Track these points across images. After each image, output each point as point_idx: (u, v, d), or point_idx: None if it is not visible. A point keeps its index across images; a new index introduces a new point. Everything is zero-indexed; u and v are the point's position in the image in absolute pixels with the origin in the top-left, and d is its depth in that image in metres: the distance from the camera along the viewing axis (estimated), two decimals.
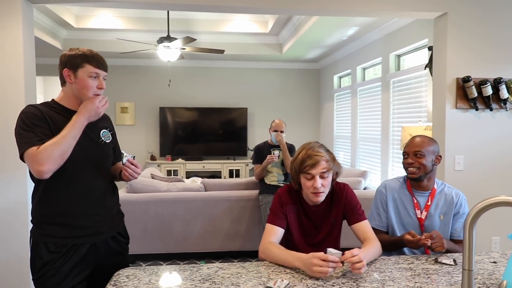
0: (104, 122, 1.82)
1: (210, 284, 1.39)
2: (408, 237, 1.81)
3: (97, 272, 1.72)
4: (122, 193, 3.97)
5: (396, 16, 4.01)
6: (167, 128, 7.35)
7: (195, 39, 4.83)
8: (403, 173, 2.09)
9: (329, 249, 1.47)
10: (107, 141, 1.78)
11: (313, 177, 1.71)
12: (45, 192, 1.64)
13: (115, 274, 1.49)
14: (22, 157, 1.57)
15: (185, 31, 5.96)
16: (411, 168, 1.97)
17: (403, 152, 2.04)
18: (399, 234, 1.98)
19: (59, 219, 1.64)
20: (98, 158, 1.74)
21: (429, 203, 1.99)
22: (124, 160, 1.72)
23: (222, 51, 5.31)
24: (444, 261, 1.62)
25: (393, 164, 4.81)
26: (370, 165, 5.50)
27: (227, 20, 6.10)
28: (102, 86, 1.69)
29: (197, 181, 4.88)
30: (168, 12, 5.01)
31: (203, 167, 7.23)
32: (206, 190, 4.15)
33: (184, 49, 5.13)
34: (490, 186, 3.21)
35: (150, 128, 7.45)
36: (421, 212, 1.98)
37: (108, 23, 5.86)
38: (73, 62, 1.67)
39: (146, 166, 7.01)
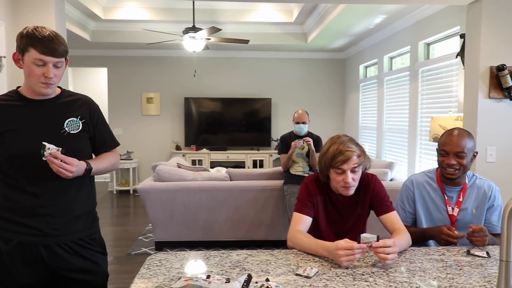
0: (77, 109, 1.61)
1: (240, 270, 1.41)
2: (445, 229, 1.76)
3: (60, 276, 1.57)
4: (149, 182, 4.06)
5: (428, 3, 3.90)
6: (191, 119, 7.43)
7: (221, 29, 4.84)
8: (430, 164, 2.02)
9: (363, 235, 1.47)
10: (72, 132, 1.57)
11: (343, 172, 1.70)
12: None
13: (148, 258, 1.53)
14: None
15: (210, 22, 5.97)
16: (450, 169, 1.86)
17: (441, 150, 1.89)
18: None
19: (6, 213, 1.52)
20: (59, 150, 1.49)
21: (461, 199, 1.91)
22: (46, 153, 1.44)
23: (246, 41, 5.30)
24: (476, 253, 1.59)
25: (420, 156, 4.72)
26: (396, 156, 5.41)
27: (252, 10, 6.08)
28: (48, 75, 1.46)
29: (222, 171, 4.93)
30: (193, 2, 5.03)
31: (227, 157, 7.28)
32: (231, 180, 4.19)
33: (209, 39, 5.15)
34: None
35: (175, 118, 7.55)
36: (453, 209, 1.91)
37: (134, 14, 5.94)
38: (20, 44, 1.47)
39: (172, 155, 7.12)
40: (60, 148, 1.46)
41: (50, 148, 1.45)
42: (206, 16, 5.96)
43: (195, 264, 1.50)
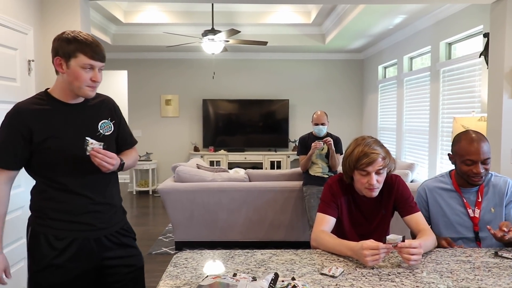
0: (107, 111, 1.68)
1: (266, 269, 1.43)
2: (444, 243, 1.79)
3: (106, 266, 1.65)
4: (170, 182, 4.12)
5: (450, 2, 3.84)
6: (209, 120, 7.49)
7: (239, 31, 4.87)
8: (452, 165, 1.97)
9: (388, 236, 1.46)
10: (107, 133, 1.65)
11: (368, 174, 1.69)
12: (43, 186, 1.58)
13: (175, 256, 1.56)
14: None
15: (229, 24, 6.02)
16: (479, 179, 1.81)
17: (467, 159, 1.81)
18: (446, 235, 1.91)
19: (57, 214, 1.57)
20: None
21: (479, 200, 1.87)
22: (89, 148, 1.51)
23: (265, 43, 5.32)
24: (505, 255, 1.56)
25: (441, 157, 4.65)
26: (417, 158, 5.34)
27: (270, 12, 6.10)
28: (96, 79, 1.54)
29: (240, 172, 4.95)
30: (212, 5, 5.08)
31: (245, 158, 7.31)
32: (250, 181, 4.20)
33: (228, 41, 5.19)
34: None
35: (193, 120, 7.62)
36: (474, 211, 1.88)
37: (154, 17, 6.03)
38: (66, 50, 1.50)
39: (190, 157, 7.18)
40: (102, 143, 1.55)
41: (93, 143, 1.52)
42: (225, 18, 6.00)
43: (220, 263, 1.52)
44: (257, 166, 7.31)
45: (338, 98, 7.66)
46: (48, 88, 1.62)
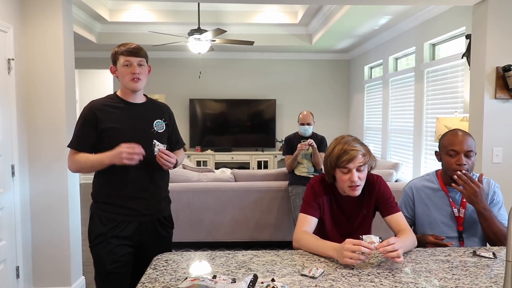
0: (161, 113, 2.00)
1: (246, 271, 1.42)
2: (430, 238, 1.83)
3: (142, 249, 1.92)
4: None
5: (433, 3, 3.89)
6: (196, 120, 7.45)
7: (226, 31, 4.86)
8: (436, 165, 2.00)
9: (365, 236, 1.47)
10: (159, 131, 1.93)
11: (349, 171, 1.70)
12: (103, 175, 1.88)
13: (155, 258, 1.54)
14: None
15: (215, 23, 6.00)
16: (461, 168, 1.83)
17: (450, 150, 1.86)
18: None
19: (111, 199, 1.88)
20: (148, 147, 1.84)
21: (464, 199, 1.89)
22: (156, 149, 1.84)
23: (251, 43, 5.32)
24: (482, 254, 1.58)
25: (426, 156, 4.70)
26: (402, 157, 5.40)
27: (257, 12, 6.09)
28: (134, 71, 1.87)
29: (226, 172, 4.93)
30: (198, 4, 5.05)
31: (232, 158, 7.30)
32: (236, 181, 4.19)
33: (214, 41, 5.17)
34: None
35: (180, 119, 7.57)
36: (459, 210, 1.90)
37: (140, 16, 5.97)
38: (113, 59, 1.93)
39: None
40: (166, 145, 1.91)
41: (159, 145, 1.85)
42: (211, 18, 5.98)
43: (201, 265, 1.51)
44: (244, 166, 7.30)
45: (325, 98, 7.69)
46: (116, 91, 1.99)
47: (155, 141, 1.86)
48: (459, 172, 1.81)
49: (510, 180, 2.94)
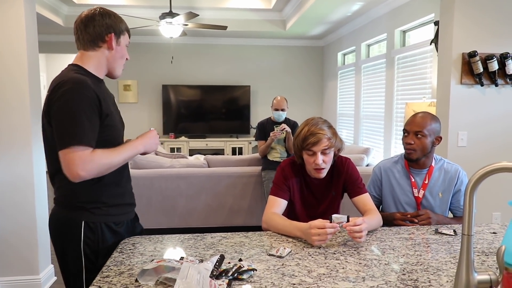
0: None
1: (214, 252, 1.42)
2: (397, 215, 1.89)
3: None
4: None
5: None
6: (170, 106, 7.35)
7: (198, 15, 4.77)
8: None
9: (334, 215, 1.50)
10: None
11: (314, 154, 1.73)
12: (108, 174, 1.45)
13: (122, 242, 1.52)
14: (61, 148, 1.32)
15: (188, 7, 5.88)
16: (409, 150, 1.92)
17: (404, 129, 1.97)
18: None
19: (114, 199, 1.54)
20: (123, 129, 1.64)
21: (426, 182, 1.96)
22: None
23: (225, 28, 5.25)
24: (444, 231, 1.64)
25: (395, 142, 4.81)
26: (373, 143, 5.51)
27: None
28: (128, 57, 1.61)
29: (200, 159, 4.90)
30: None
31: (206, 145, 7.26)
32: (209, 167, 4.18)
33: (186, 25, 5.07)
34: (493, 162, 3.20)
35: (153, 106, 7.45)
36: (418, 191, 1.96)
37: None
38: (119, 27, 1.52)
39: None
40: (155, 128, 1.56)
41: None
42: (183, 1, 5.85)
43: (169, 247, 1.50)
44: (219, 152, 7.28)
45: (299, 84, 7.72)
46: (74, 64, 1.50)
47: (152, 128, 1.64)
48: (403, 222, 1.88)
49: (474, 163, 3.01)
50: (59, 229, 1.50)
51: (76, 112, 1.34)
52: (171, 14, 4.87)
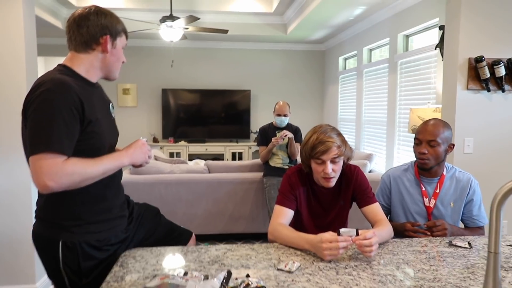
0: (105, 93, 1.56)
1: (219, 266, 1.35)
2: (408, 225, 1.81)
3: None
4: (125, 174, 3.93)
5: None
6: (169, 110, 7.28)
7: (199, 18, 4.71)
8: (409, 156, 2.01)
9: (342, 229, 1.43)
10: (114, 117, 1.56)
11: (323, 162, 1.66)
12: (89, 188, 1.32)
13: (122, 255, 1.45)
14: (31, 154, 1.21)
15: (188, 11, 5.83)
16: (423, 158, 1.85)
17: (415, 138, 1.90)
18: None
19: (104, 214, 1.42)
20: (116, 138, 1.53)
21: (437, 191, 1.90)
22: None
23: (225, 31, 5.19)
24: (458, 244, 1.57)
25: (399, 147, 4.75)
26: (375, 148, 5.44)
27: (231, 0, 5.96)
28: (125, 60, 1.49)
29: (200, 163, 4.83)
30: None
31: (206, 149, 7.18)
32: (209, 172, 4.11)
33: (187, 28, 5.02)
34: (499, 169, 3.15)
35: (152, 110, 7.38)
36: (429, 200, 1.90)
37: (109, 1, 5.72)
38: (114, 29, 1.41)
39: None
40: (146, 138, 1.51)
41: (143, 140, 1.48)
42: (184, 5, 5.80)
43: (172, 261, 1.43)
44: (219, 157, 7.21)
45: (299, 88, 7.67)
46: (63, 65, 1.39)
47: (141, 138, 1.50)
48: (414, 233, 1.79)
49: (480, 170, 2.99)
50: (38, 246, 1.40)
51: (52, 115, 1.21)
52: (171, 18, 4.81)
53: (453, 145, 1.91)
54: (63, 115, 1.22)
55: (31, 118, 1.25)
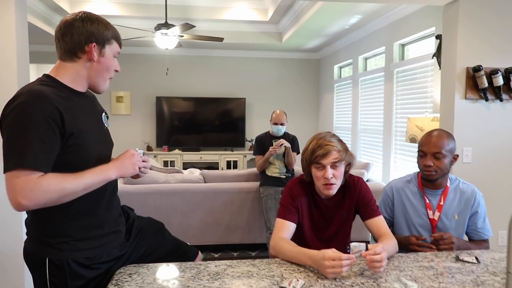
0: (98, 103, 1.49)
1: (220, 284, 1.29)
2: (413, 239, 1.76)
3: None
4: (119, 184, 3.85)
5: (405, 2, 3.87)
6: (163, 118, 7.21)
7: (194, 26, 4.68)
8: (406, 164, 1.98)
9: (352, 244, 1.38)
10: (108, 127, 1.48)
11: (324, 167, 1.62)
12: (75, 202, 1.26)
13: (117, 272, 1.38)
14: (4, 171, 1.17)
15: (183, 19, 5.79)
16: (428, 171, 1.81)
17: (419, 150, 1.86)
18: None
19: (95, 230, 1.35)
20: (109, 149, 1.46)
21: (441, 203, 1.86)
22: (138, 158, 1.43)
23: (221, 39, 5.16)
24: (465, 258, 1.53)
25: (395, 156, 4.73)
26: (371, 157, 5.42)
27: (226, 8, 5.94)
28: (119, 69, 1.41)
29: (195, 172, 4.76)
30: None
31: (200, 158, 7.11)
32: (205, 182, 4.04)
33: (182, 36, 4.98)
34: (498, 179, 3.13)
35: (146, 118, 7.30)
36: (434, 213, 1.85)
37: (103, 9, 5.67)
38: (102, 36, 1.32)
39: None
40: (143, 150, 1.45)
41: (140, 154, 1.40)
42: (179, 13, 5.77)
43: (170, 278, 1.36)
44: (213, 166, 7.14)
45: (294, 97, 7.65)
46: (46, 75, 1.34)
47: (137, 148, 1.43)
48: (419, 247, 1.74)
49: (479, 180, 2.95)
50: (27, 263, 1.36)
51: (26, 129, 1.15)
52: (166, 25, 4.77)
53: (457, 155, 1.87)
54: (38, 128, 1.16)
55: (5, 132, 1.19)
